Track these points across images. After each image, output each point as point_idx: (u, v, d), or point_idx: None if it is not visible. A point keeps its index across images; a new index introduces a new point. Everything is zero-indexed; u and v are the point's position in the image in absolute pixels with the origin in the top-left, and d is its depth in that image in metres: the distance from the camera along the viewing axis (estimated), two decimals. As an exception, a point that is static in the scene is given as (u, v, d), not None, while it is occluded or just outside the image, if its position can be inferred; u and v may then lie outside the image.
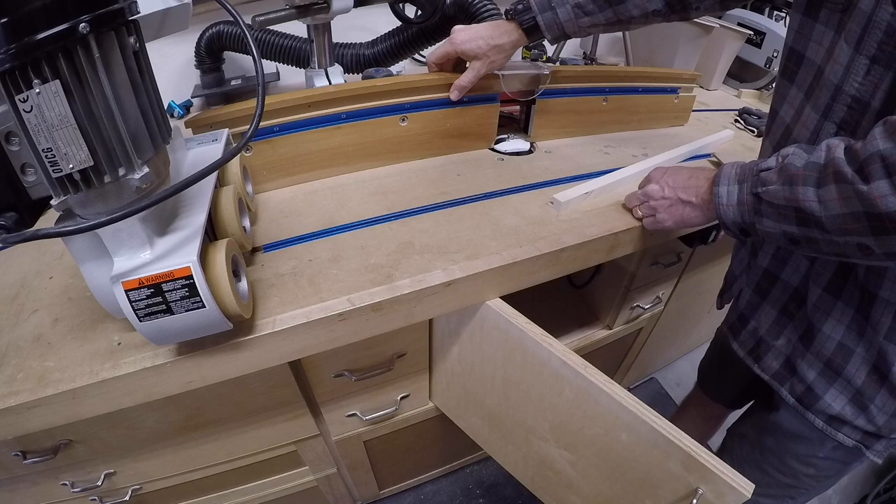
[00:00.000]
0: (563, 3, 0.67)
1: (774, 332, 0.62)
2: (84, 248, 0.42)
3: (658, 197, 0.62)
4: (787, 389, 0.61)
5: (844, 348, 0.53)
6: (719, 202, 0.52)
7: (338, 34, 0.92)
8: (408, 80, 0.74)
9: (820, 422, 0.58)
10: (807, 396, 0.59)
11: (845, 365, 0.54)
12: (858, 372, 0.53)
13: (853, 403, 0.55)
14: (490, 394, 0.73)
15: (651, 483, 0.56)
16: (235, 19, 0.42)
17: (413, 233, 0.65)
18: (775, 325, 0.62)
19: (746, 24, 1.24)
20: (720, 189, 0.52)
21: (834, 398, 0.56)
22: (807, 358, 0.57)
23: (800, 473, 0.65)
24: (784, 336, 0.61)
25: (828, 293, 0.54)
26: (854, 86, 0.45)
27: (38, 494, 0.65)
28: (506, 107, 0.86)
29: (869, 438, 0.56)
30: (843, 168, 0.40)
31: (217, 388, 0.57)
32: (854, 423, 0.55)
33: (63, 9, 0.31)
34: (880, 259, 0.42)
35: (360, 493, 1.08)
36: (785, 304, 0.60)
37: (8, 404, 0.45)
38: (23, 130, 0.33)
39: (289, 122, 0.69)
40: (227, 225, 0.52)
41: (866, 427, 0.55)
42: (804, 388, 0.58)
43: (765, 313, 0.63)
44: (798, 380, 0.59)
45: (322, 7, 0.75)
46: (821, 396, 0.57)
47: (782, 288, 0.60)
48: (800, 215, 0.44)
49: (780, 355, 0.62)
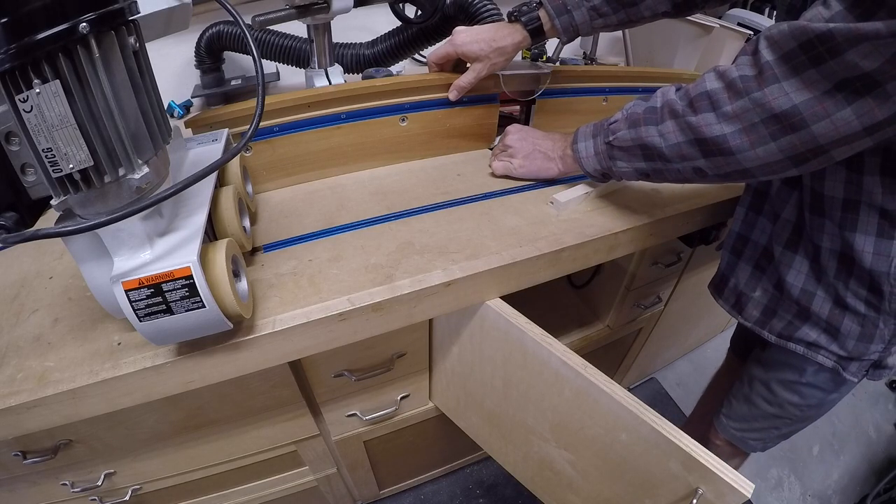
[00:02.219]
0: (578, 6, 0.69)
1: (751, 285, 0.69)
2: (84, 248, 0.42)
3: (518, 147, 0.73)
4: (767, 331, 0.68)
5: (807, 292, 0.62)
6: (579, 156, 0.64)
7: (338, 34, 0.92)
8: (407, 80, 0.74)
9: (801, 348, 0.65)
10: (786, 330, 0.66)
11: (810, 305, 0.62)
12: (822, 308, 0.61)
13: (826, 333, 0.62)
14: (490, 394, 0.73)
15: (651, 483, 0.56)
16: (235, 19, 0.42)
17: (413, 233, 0.65)
18: (751, 279, 0.69)
19: (746, 24, 1.24)
20: (579, 146, 0.64)
21: (810, 329, 0.63)
22: (783, 303, 0.65)
23: (785, 402, 0.71)
24: (760, 287, 0.68)
25: (787, 249, 0.62)
26: None
27: (38, 494, 0.65)
28: (506, 107, 0.86)
29: (843, 361, 0.63)
30: (676, 106, 0.51)
31: (217, 388, 0.57)
32: (829, 349, 0.63)
33: (63, 9, 0.31)
34: (714, 180, 0.53)
35: (360, 493, 1.08)
36: (757, 260, 0.68)
37: (8, 404, 0.45)
38: (23, 130, 0.33)
39: (288, 123, 0.69)
40: (227, 225, 0.52)
41: (839, 352, 0.62)
42: (785, 323, 0.66)
43: (741, 270, 0.70)
44: (778, 319, 0.67)
45: (322, 7, 0.75)
46: (799, 327, 0.64)
47: (753, 247, 0.68)
48: (645, 151, 0.55)
49: (758, 304, 0.69)
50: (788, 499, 1.28)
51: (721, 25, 1.19)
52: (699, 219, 0.77)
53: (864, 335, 0.60)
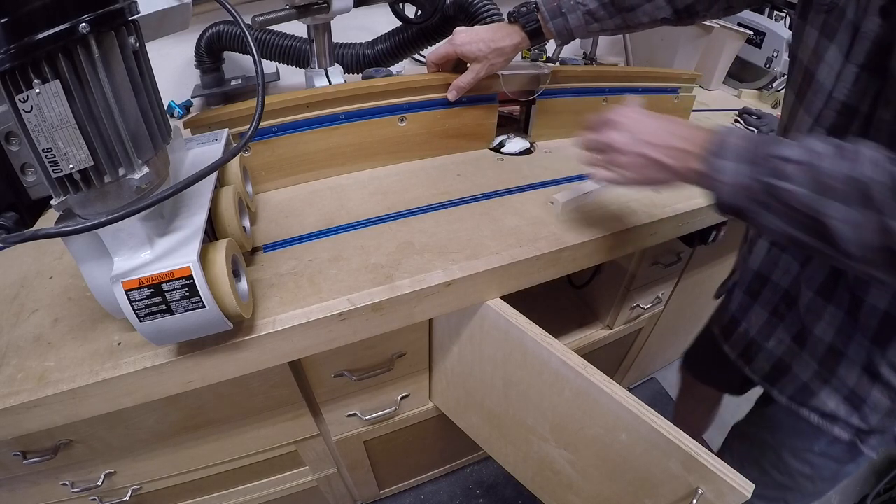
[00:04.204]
0: (573, 9, 0.67)
1: (765, 333, 0.62)
2: (84, 248, 0.42)
3: (626, 150, 0.48)
4: (777, 390, 0.62)
5: (835, 351, 0.54)
6: (719, 177, 0.43)
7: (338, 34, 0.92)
8: (406, 80, 0.74)
9: (815, 417, 0.58)
10: (801, 394, 0.59)
11: (837, 366, 0.54)
12: (850, 373, 0.53)
13: (847, 402, 0.55)
14: (490, 394, 0.73)
15: (651, 483, 0.56)
16: (235, 19, 0.42)
17: (413, 233, 0.65)
18: (766, 326, 0.62)
19: (746, 24, 1.24)
20: (724, 164, 0.42)
21: (828, 396, 0.56)
22: (801, 358, 0.58)
23: (795, 472, 0.65)
24: (775, 337, 0.61)
25: (819, 296, 0.54)
26: (844, 92, 0.46)
27: (38, 494, 0.65)
28: (506, 107, 0.86)
29: (863, 434, 0.57)
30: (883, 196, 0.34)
31: (217, 388, 0.57)
32: (848, 421, 0.56)
33: (63, 9, 0.31)
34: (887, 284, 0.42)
35: (360, 493, 1.08)
36: (775, 305, 0.60)
37: (8, 404, 0.45)
38: (23, 130, 0.33)
39: (288, 123, 0.69)
40: (227, 225, 0.52)
41: (860, 425, 0.55)
42: (798, 386, 0.59)
43: (756, 314, 0.63)
44: (790, 379, 0.60)
45: (322, 7, 0.75)
46: (816, 394, 0.57)
47: (773, 290, 0.60)
48: (818, 228, 0.38)
49: (770, 357, 0.62)
50: (788, 499, 1.28)
51: (721, 25, 1.19)
52: (699, 219, 0.77)
53: (891, 411, 0.53)
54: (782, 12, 1.29)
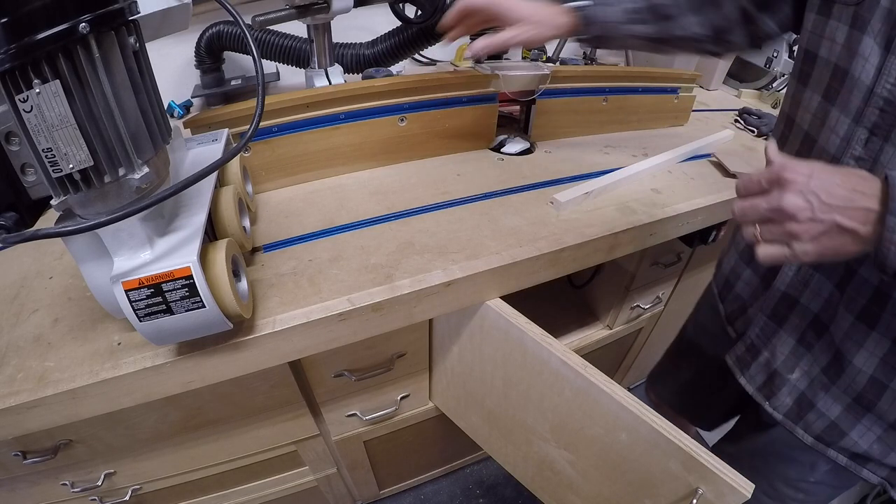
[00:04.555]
0: (617, 3, 0.61)
1: (790, 364, 0.56)
2: (84, 248, 0.42)
3: (804, 218, 0.37)
4: (801, 428, 0.56)
5: (877, 383, 0.48)
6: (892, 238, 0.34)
7: (338, 34, 0.92)
8: (406, 80, 0.74)
9: (844, 458, 0.54)
10: (829, 433, 0.54)
11: (877, 401, 0.49)
12: (892, 407, 0.48)
13: (883, 441, 0.50)
14: (490, 394, 0.73)
15: (651, 483, 0.56)
16: (235, 19, 0.42)
17: (413, 233, 0.65)
18: (792, 355, 0.56)
19: (746, 24, 1.23)
20: None
21: (861, 435, 0.51)
22: (832, 392, 0.52)
23: (787, 498, 0.62)
24: (800, 368, 0.55)
25: (861, 322, 0.47)
26: (887, 87, 0.41)
27: (38, 494, 0.65)
28: (506, 107, 0.86)
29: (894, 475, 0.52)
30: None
31: (217, 388, 0.57)
32: (883, 461, 0.51)
33: (63, 9, 0.31)
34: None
35: (360, 493, 1.08)
36: (803, 332, 0.54)
37: (8, 404, 0.45)
38: (23, 130, 0.33)
39: (288, 123, 0.69)
40: (227, 225, 0.52)
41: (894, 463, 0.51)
42: (826, 424, 0.53)
43: (781, 342, 0.56)
44: (817, 415, 0.54)
45: (322, 7, 0.75)
46: (846, 433, 0.52)
47: (801, 314, 0.53)
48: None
49: (794, 390, 0.56)
50: (788, 499, 1.28)
51: (721, 25, 1.18)
52: (699, 219, 0.77)
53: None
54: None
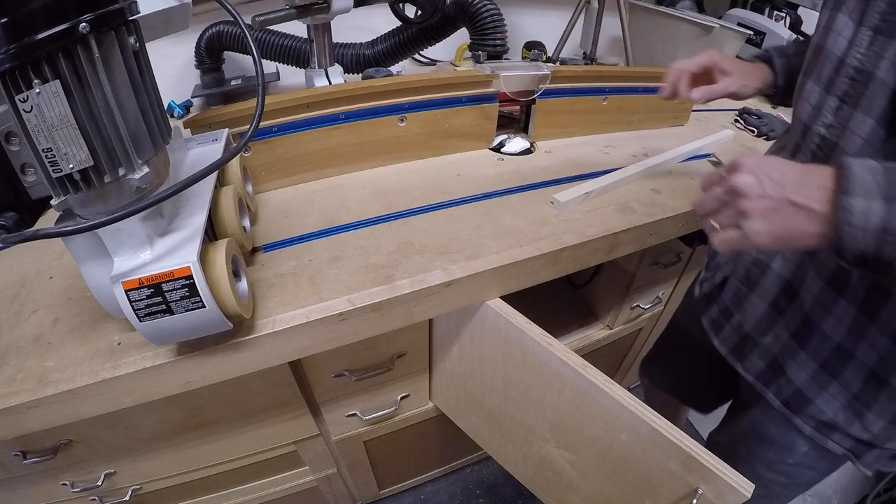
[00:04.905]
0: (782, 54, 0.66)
1: (762, 327, 0.57)
2: (84, 248, 0.42)
3: (754, 195, 0.39)
4: (773, 392, 0.57)
5: (843, 350, 0.49)
6: (848, 220, 0.34)
7: (338, 34, 0.92)
8: (406, 80, 0.74)
9: (809, 427, 0.54)
10: (795, 400, 0.55)
11: (842, 369, 0.49)
12: (856, 376, 0.49)
13: (848, 409, 0.51)
14: (490, 394, 0.73)
15: (651, 483, 0.56)
16: (235, 19, 0.42)
17: (413, 233, 0.65)
18: (764, 319, 0.57)
19: (746, 24, 1.24)
20: (853, 202, 0.34)
21: (827, 403, 0.52)
22: (799, 358, 0.53)
23: (770, 482, 0.62)
24: (772, 333, 0.56)
25: (831, 288, 0.48)
26: (857, 57, 0.42)
27: (38, 494, 0.65)
28: (506, 107, 0.86)
29: (861, 447, 0.53)
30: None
31: (217, 388, 0.57)
32: (847, 431, 0.52)
33: (63, 9, 0.31)
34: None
35: (360, 493, 1.08)
36: (775, 297, 0.55)
37: (8, 404, 0.45)
38: (23, 130, 0.33)
39: (288, 123, 0.69)
40: (227, 225, 0.52)
41: (860, 435, 0.51)
42: (792, 390, 0.55)
43: (752, 306, 0.58)
44: (786, 382, 0.55)
45: (322, 7, 0.75)
46: (812, 401, 0.53)
47: (773, 279, 0.55)
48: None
49: (766, 354, 0.57)
50: (788, 499, 1.28)
51: (721, 25, 1.19)
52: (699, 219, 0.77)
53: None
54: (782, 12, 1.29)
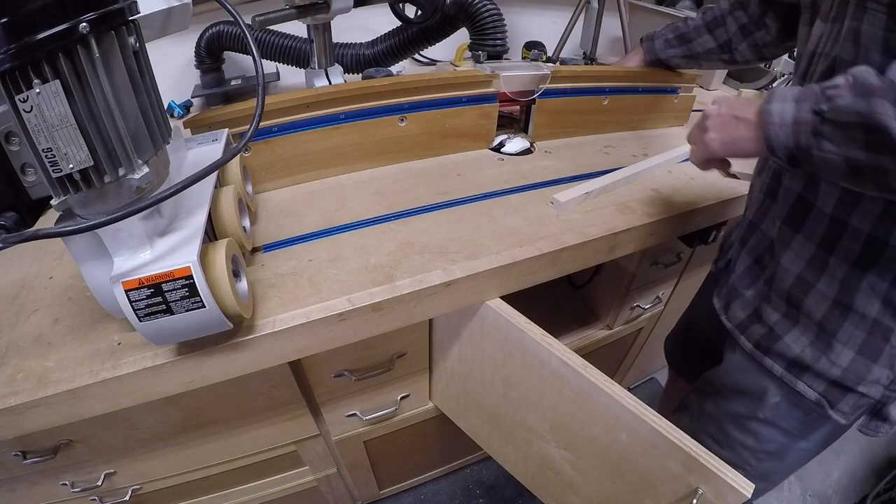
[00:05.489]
0: (659, 36, 0.90)
1: (746, 281, 0.61)
2: (84, 248, 0.42)
3: (713, 114, 0.53)
4: (745, 336, 0.59)
5: (803, 282, 0.51)
6: (769, 121, 0.44)
7: (338, 34, 0.92)
8: (407, 80, 0.74)
9: (779, 367, 0.55)
10: (766, 339, 0.56)
11: (803, 299, 0.52)
12: (818, 306, 0.51)
13: (814, 346, 0.52)
14: (490, 394, 0.73)
15: (651, 483, 0.56)
16: (235, 19, 0.42)
17: (413, 233, 0.65)
18: (747, 273, 0.61)
19: (746, 24, 1.23)
20: (772, 107, 0.44)
21: (795, 339, 0.53)
22: (771, 300, 0.56)
23: (737, 444, 0.62)
24: (755, 287, 0.59)
25: (787, 226, 0.53)
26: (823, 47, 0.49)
27: (38, 494, 0.65)
28: (506, 107, 0.86)
29: (833, 391, 0.52)
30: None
31: (217, 388, 0.57)
32: (815, 368, 0.52)
33: (63, 9, 0.31)
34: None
35: (360, 493, 1.08)
36: (760, 254, 0.59)
37: (8, 404, 0.45)
38: (23, 130, 0.33)
39: (288, 123, 0.69)
40: (227, 225, 0.52)
41: (829, 372, 0.51)
42: (765, 330, 0.57)
43: (741, 262, 0.62)
44: (761, 325, 0.57)
45: (322, 7, 0.75)
46: (781, 337, 0.55)
47: (760, 237, 0.60)
48: (870, 136, 0.38)
49: (747, 305, 0.60)
50: (788, 499, 1.28)
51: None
52: (699, 219, 0.77)
53: (866, 347, 0.49)
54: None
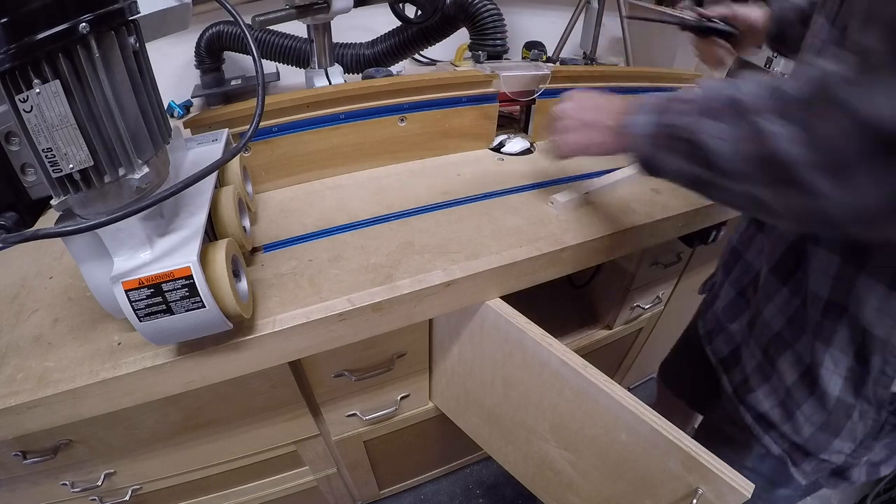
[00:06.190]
0: None
1: (730, 314, 0.59)
2: (84, 248, 0.42)
3: (569, 115, 0.52)
4: (727, 379, 0.58)
5: (781, 340, 0.49)
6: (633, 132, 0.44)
7: (338, 34, 0.92)
8: (407, 80, 0.74)
9: (749, 418, 0.54)
10: (742, 387, 0.55)
11: (779, 357, 0.49)
12: (791, 370, 0.48)
13: (782, 406, 0.50)
14: (490, 394, 0.73)
15: (651, 483, 0.56)
16: (235, 19, 0.42)
17: (413, 233, 0.65)
18: (731, 306, 0.59)
19: (746, 24, 1.23)
20: (638, 119, 0.43)
21: (766, 395, 0.52)
22: (750, 346, 0.54)
23: None
24: (738, 321, 0.57)
25: (774, 275, 0.49)
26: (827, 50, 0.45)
27: (38, 494, 0.65)
28: (506, 107, 0.86)
29: (796, 453, 0.51)
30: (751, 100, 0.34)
31: (217, 388, 0.57)
32: (781, 429, 0.51)
33: (63, 9, 0.31)
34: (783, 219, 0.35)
35: (360, 493, 1.08)
36: (744, 286, 0.57)
37: (8, 404, 0.45)
38: (23, 130, 0.33)
39: (288, 123, 0.69)
40: (227, 225, 0.52)
41: (793, 437, 0.50)
42: (742, 377, 0.55)
43: (725, 292, 0.60)
44: (739, 370, 0.56)
45: (322, 7, 0.75)
46: (753, 389, 0.53)
47: (744, 268, 0.57)
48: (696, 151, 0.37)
49: (730, 341, 0.58)
50: (788, 499, 1.28)
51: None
52: (699, 219, 0.77)
53: (828, 425, 0.46)
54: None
